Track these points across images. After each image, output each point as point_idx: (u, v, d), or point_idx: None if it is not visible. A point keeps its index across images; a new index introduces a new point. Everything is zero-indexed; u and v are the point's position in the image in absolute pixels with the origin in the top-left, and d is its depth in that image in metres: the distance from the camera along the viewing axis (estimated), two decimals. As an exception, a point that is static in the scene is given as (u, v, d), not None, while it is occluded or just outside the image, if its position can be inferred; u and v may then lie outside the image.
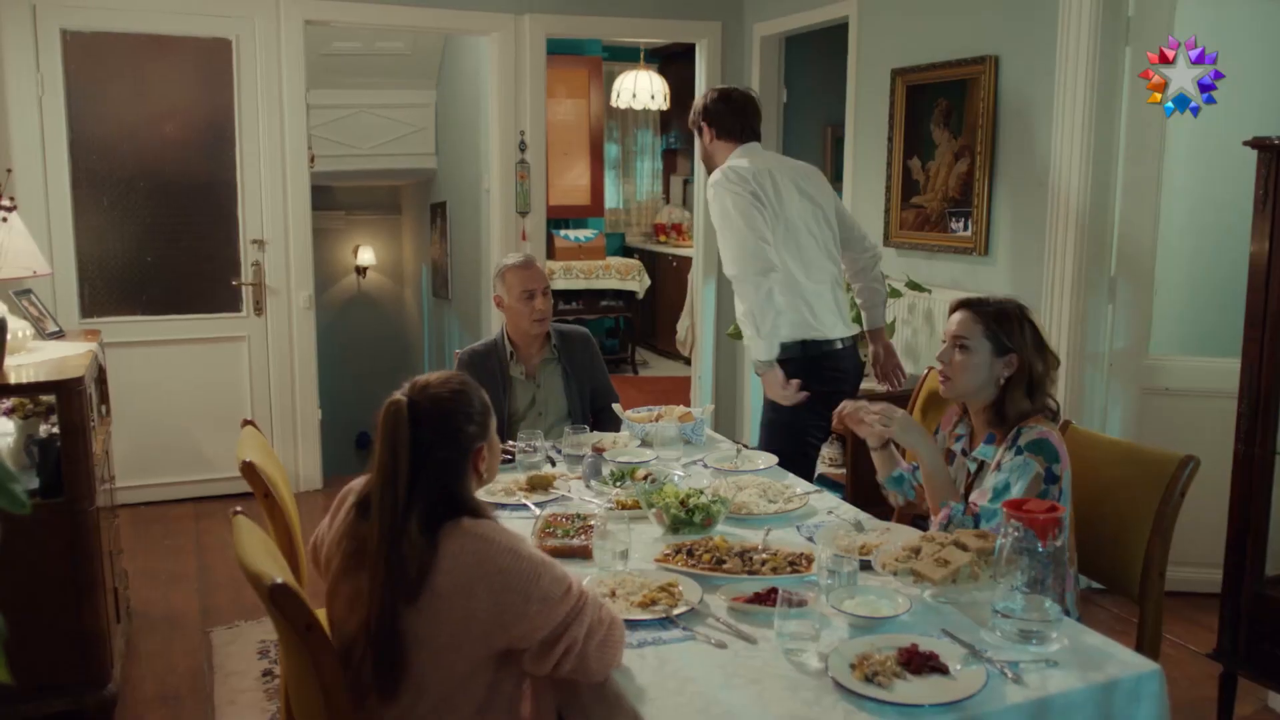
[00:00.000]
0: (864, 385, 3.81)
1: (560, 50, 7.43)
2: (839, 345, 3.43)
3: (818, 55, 5.98)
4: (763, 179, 3.35)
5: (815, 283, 3.38)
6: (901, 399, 3.71)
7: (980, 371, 2.40)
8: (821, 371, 3.37)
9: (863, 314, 3.71)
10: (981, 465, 2.45)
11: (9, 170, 3.87)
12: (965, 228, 4.36)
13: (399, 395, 1.77)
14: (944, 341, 2.47)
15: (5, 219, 2.99)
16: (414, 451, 1.74)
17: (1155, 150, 3.81)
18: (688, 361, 7.46)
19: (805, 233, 3.39)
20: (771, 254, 3.26)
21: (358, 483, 1.91)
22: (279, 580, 1.68)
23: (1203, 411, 3.74)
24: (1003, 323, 2.40)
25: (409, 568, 1.70)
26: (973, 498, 2.39)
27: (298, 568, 2.26)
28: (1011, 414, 2.40)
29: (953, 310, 2.48)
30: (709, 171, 3.51)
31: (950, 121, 4.43)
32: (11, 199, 3.08)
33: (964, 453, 2.53)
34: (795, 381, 3.29)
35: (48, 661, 2.94)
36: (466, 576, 1.70)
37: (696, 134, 3.59)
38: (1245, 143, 2.90)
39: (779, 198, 3.35)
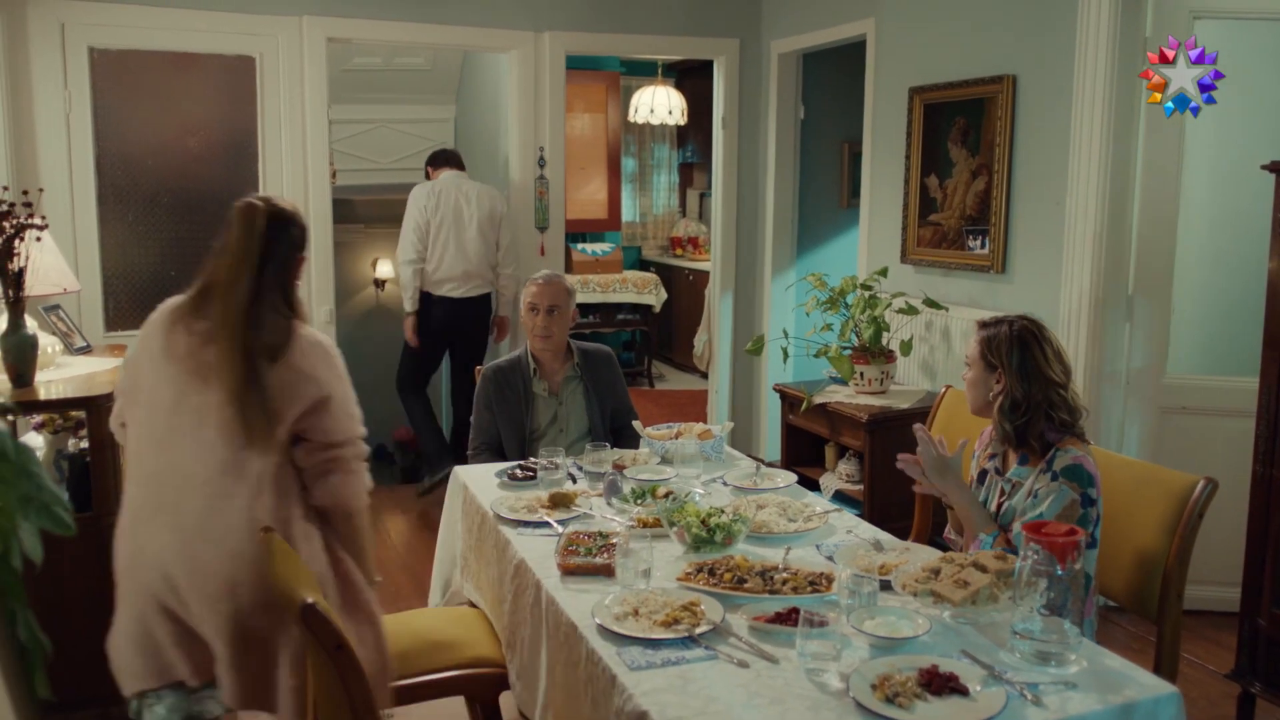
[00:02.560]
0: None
1: (578, 65, 7.46)
2: (452, 298, 5.35)
3: (835, 72, 6.00)
4: (439, 192, 5.33)
5: (459, 263, 5.26)
6: (920, 415, 3.73)
7: (978, 387, 2.51)
8: (432, 312, 5.37)
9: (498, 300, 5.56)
10: (1015, 486, 2.47)
11: (40, 190, 3.94)
12: (983, 246, 4.38)
13: (252, 200, 2.21)
14: None
15: (40, 238, 3.05)
16: (264, 243, 2.17)
17: (1173, 169, 3.82)
18: (704, 375, 7.48)
19: (464, 230, 5.31)
20: (414, 250, 5.28)
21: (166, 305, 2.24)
22: (309, 600, 1.71)
23: (1221, 430, 3.75)
24: (992, 342, 2.48)
25: (269, 334, 2.11)
26: (1012, 517, 2.42)
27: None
28: (1005, 431, 2.44)
29: None
30: None
31: (968, 140, 4.45)
32: (43, 217, 3.14)
33: (997, 471, 2.55)
34: (415, 336, 5.37)
35: (74, 676, 2.96)
36: (311, 366, 2.14)
37: (425, 175, 5.58)
38: (1264, 167, 2.92)
39: (448, 205, 5.31)
